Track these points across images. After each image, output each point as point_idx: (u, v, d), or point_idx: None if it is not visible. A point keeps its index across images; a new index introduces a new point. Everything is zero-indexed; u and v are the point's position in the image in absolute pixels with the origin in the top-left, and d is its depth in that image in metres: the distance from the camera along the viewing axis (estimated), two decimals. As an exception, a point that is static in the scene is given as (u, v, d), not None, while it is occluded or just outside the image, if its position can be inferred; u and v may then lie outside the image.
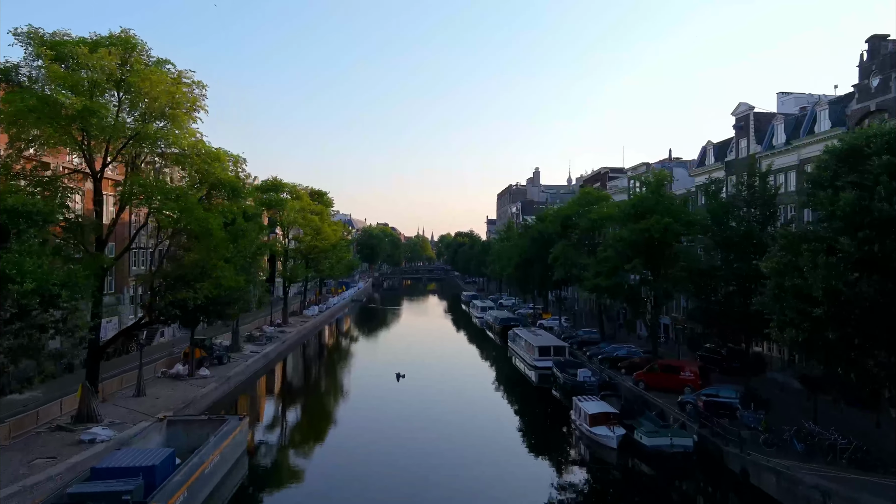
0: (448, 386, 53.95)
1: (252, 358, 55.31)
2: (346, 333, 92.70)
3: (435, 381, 55.75)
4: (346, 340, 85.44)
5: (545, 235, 72.21)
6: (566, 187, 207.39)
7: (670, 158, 76.09)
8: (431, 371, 60.48)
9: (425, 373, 58.88)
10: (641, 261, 43.61)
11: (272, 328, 72.45)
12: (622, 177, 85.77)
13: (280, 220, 78.21)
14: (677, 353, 54.49)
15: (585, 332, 64.72)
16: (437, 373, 59.86)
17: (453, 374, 60.11)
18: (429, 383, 54.69)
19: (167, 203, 29.26)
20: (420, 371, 59.04)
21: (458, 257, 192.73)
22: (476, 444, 36.95)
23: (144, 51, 31.69)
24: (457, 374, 60.24)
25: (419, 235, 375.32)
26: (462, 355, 72.79)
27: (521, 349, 64.58)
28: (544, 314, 78.26)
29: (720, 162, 55.24)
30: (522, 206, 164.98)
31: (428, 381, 55.94)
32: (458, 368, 63.62)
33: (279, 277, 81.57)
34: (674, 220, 42.63)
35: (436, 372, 60.32)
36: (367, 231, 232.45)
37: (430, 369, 61.78)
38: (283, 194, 78.00)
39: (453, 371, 61.57)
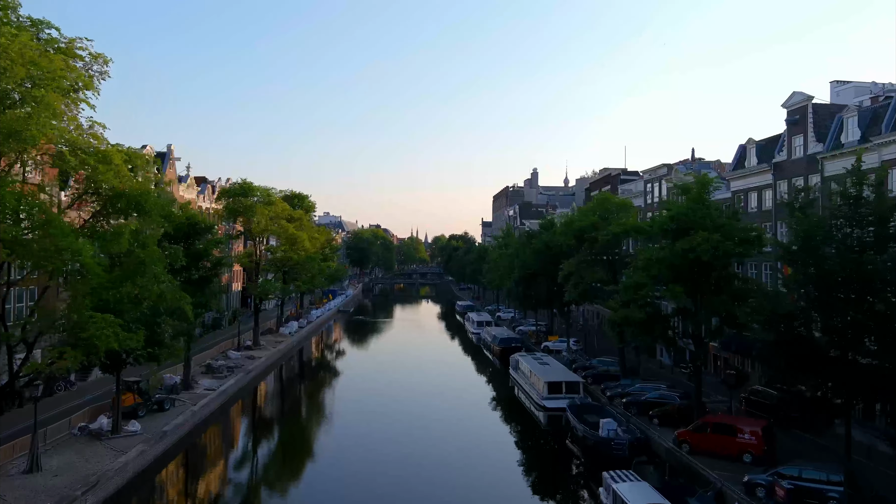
0: (442, 427, 45.75)
1: (204, 399, 45.85)
2: (326, 356, 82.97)
3: (427, 419, 47.57)
4: (326, 365, 75.78)
5: (552, 247, 63.16)
6: (565, 189, 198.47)
7: (693, 159, 67.11)
8: (423, 407, 51.58)
9: (416, 410, 49.98)
10: (683, 288, 34.52)
11: (238, 353, 62.97)
12: (636, 180, 76.77)
13: (250, 229, 68.85)
14: (713, 393, 45.43)
15: (601, 363, 55.51)
16: (429, 408, 51.18)
17: (448, 408, 51.48)
18: (420, 422, 46.65)
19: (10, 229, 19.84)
20: (411, 407, 50.28)
21: (451, 262, 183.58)
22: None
23: (10, 7, 22.39)
24: (452, 408, 51.48)
25: (412, 237, 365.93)
26: (457, 382, 63.60)
27: (525, 381, 55.39)
28: (550, 336, 69.02)
29: (766, 164, 46.17)
30: (520, 210, 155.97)
31: (419, 419, 47.67)
32: (452, 400, 54.82)
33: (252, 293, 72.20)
34: (724, 238, 33.62)
35: (428, 408, 51.48)
36: (357, 234, 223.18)
37: (421, 403, 52.98)
38: (254, 199, 68.73)
39: (448, 405, 52.80)
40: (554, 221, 73.76)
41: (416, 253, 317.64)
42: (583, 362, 57.63)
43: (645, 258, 36.01)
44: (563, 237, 49.21)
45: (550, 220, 72.91)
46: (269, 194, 69.26)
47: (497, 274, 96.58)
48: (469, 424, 47.44)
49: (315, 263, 77.50)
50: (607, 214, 48.25)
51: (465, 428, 46.22)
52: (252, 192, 67.14)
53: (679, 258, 34.33)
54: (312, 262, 74.85)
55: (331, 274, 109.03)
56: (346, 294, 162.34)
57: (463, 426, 46.75)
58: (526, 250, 68.40)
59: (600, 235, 45.54)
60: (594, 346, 62.96)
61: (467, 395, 58.52)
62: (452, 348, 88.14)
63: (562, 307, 65.53)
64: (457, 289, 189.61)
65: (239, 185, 67.35)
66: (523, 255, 70.80)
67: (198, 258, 45.90)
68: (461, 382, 63.73)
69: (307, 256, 73.22)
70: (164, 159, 66.00)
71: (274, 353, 68.27)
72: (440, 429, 45.49)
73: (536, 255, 64.19)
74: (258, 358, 63.40)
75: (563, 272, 51.90)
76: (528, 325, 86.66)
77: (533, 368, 53.53)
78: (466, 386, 62.62)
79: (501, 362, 71.26)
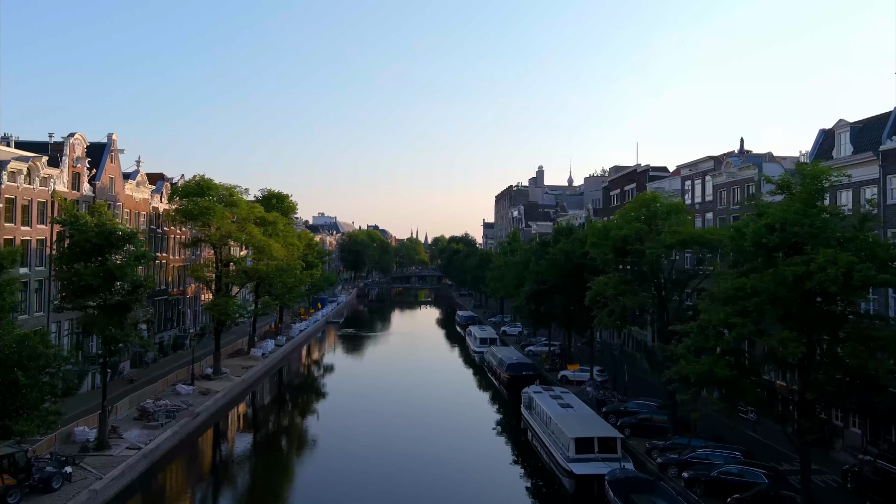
0: (441, 486, 36.19)
1: (119, 466, 34.21)
2: (303, 384, 70.89)
3: (423, 477, 37.63)
4: (302, 398, 63.75)
5: (573, 259, 51.78)
6: (572, 189, 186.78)
7: (742, 151, 55.57)
8: (417, 460, 40.74)
9: (409, 464, 38.91)
10: (794, 332, 23.13)
11: (190, 388, 51.47)
12: (666, 177, 65.36)
13: (207, 236, 57.43)
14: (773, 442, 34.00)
15: (641, 406, 43.87)
16: (425, 461, 40.78)
17: (447, 461, 41.35)
18: (414, 479, 36.65)
19: None
20: (402, 460, 39.74)
21: (452, 266, 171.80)
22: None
23: None
24: (451, 461, 41.06)
25: (412, 238, 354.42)
26: (457, 421, 52.45)
27: (542, 428, 43.84)
28: (569, 365, 57.50)
29: (870, 152, 34.67)
30: (525, 211, 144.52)
31: (413, 476, 37.53)
32: (452, 448, 44.52)
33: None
34: (858, 258, 22.28)
35: (424, 461, 40.79)
36: (351, 236, 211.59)
37: (415, 455, 42.31)
38: (214, 198, 57.33)
39: (447, 455, 42.63)
40: (571, 226, 62.46)
41: (415, 254, 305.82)
42: (615, 404, 46.05)
43: (732, 287, 24.46)
44: (596, 249, 37.56)
45: (567, 225, 61.64)
46: (233, 193, 57.83)
47: (502, 284, 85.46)
48: (472, 482, 36.77)
49: (292, 273, 66.08)
50: (652, 219, 36.77)
51: (468, 489, 35.44)
52: (211, 190, 55.74)
53: (787, 288, 22.91)
54: (288, 272, 63.36)
55: (316, 283, 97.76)
56: (339, 301, 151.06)
57: (466, 486, 36.08)
58: (540, 261, 56.95)
59: (648, 248, 34.07)
60: (623, 377, 51.59)
61: (469, 439, 47.49)
62: (452, 371, 76.65)
63: (584, 329, 54.16)
64: (457, 294, 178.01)
65: (195, 183, 56.00)
66: (536, 266, 59.38)
67: (111, 278, 34.51)
68: (462, 421, 52.32)
69: (279, 267, 61.65)
70: (104, 151, 54.58)
71: (237, 384, 56.74)
72: (438, 487, 34.70)
73: (554, 267, 52.79)
74: (214, 392, 51.89)
75: (592, 292, 40.34)
76: (539, 344, 75.11)
77: (553, 413, 42.06)
78: (468, 425, 51.34)
79: (510, 392, 59.85)
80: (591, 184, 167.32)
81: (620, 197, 74.12)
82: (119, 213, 56.90)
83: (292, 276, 65.80)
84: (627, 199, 71.39)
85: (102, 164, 53.73)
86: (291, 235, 78.51)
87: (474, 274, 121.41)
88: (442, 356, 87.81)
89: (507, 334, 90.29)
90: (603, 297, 39.36)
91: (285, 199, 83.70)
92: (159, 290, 66.43)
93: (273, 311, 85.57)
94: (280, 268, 61.25)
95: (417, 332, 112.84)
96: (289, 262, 69.94)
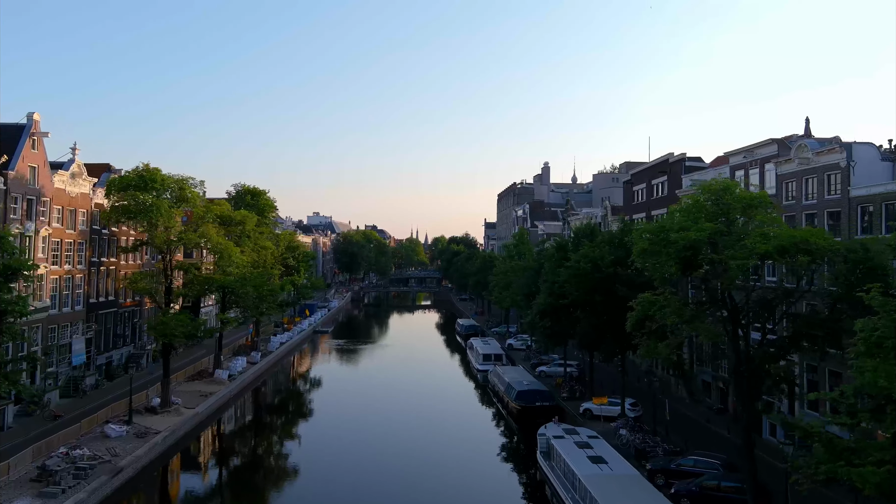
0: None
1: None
2: (274, 416, 59.37)
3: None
4: (270, 436, 52.46)
5: (601, 267, 41.49)
6: (578, 187, 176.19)
7: (808, 134, 45.21)
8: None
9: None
10: None
11: (123, 428, 40.99)
12: (709, 168, 55.08)
13: (151, 239, 47.14)
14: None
15: (701, 464, 33.31)
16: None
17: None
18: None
19: None
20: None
21: (452, 269, 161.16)
22: None
23: None
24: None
25: (411, 238, 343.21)
26: (458, 458, 42.50)
27: (568, 491, 33.53)
28: (595, 398, 46.93)
29: None
30: (531, 209, 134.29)
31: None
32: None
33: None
34: None
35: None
36: (346, 237, 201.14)
37: None
38: (164, 195, 47.06)
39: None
40: (593, 227, 52.10)
41: (414, 255, 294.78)
42: (661, 459, 35.60)
43: None
44: (650, 258, 26.82)
45: (589, 226, 51.26)
46: (184, 187, 47.40)
47: (508, 292, 75.15)
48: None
49: (260, 281, 55.78)
50: (728, 217, 26.33)
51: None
52: (156, 183, 45.38)
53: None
54: (253, 281, 52.98)
55: (301, 289, 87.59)
56: (330, 306, 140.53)
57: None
58: (558, 269, 46.59)
59: (730, 257, 23.60)
60: (664, 416, 41.34)
61: (472, 489, 37.27)
62: (452, 394, 66.31)
63: (616, 356, 43.92)
64: (457, 298, 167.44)
65: (136, 174, 45.65)
66: (552, 275, 49.08)
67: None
68: (463, 463, 42.09)
69: (242, 276, 51.31)
70: (22, 134, 44.27)
71: (188, 420, 46.34)
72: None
73: (577, 278, 42.44)
74: (154, 433, 41.50)
75: (637, 314, 29.92)
76: (552, 364, 64.69)
77: (581, 472, 31.82)
78: (470, 469, 41.19)
79: (521, 425, 49.69)
80: (601, 181, 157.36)
81: (647, 192, 63.85)
82: (47, 210, 46.77)
83: (263, 284, 55.47)
84: (657, 195, 61.12)
85: (18, 150, 43.45)
86: (266, 237, 68.36)
87: (476, 279, 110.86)
88: (441, 373, 77.48)
89: (513, 349, 79.87)
90: (653, 321, 28.97)
91: (261, 196, 73.58)
92: (105, 301, 56.23)
93: (249, 322, 75.42)
94: (243, 276, 50.80)
95: (414, 344, 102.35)
96: (259, 268, 59.77)
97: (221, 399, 54.40)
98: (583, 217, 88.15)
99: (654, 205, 61.17)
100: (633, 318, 30.35)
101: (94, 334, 54.94)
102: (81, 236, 52.43)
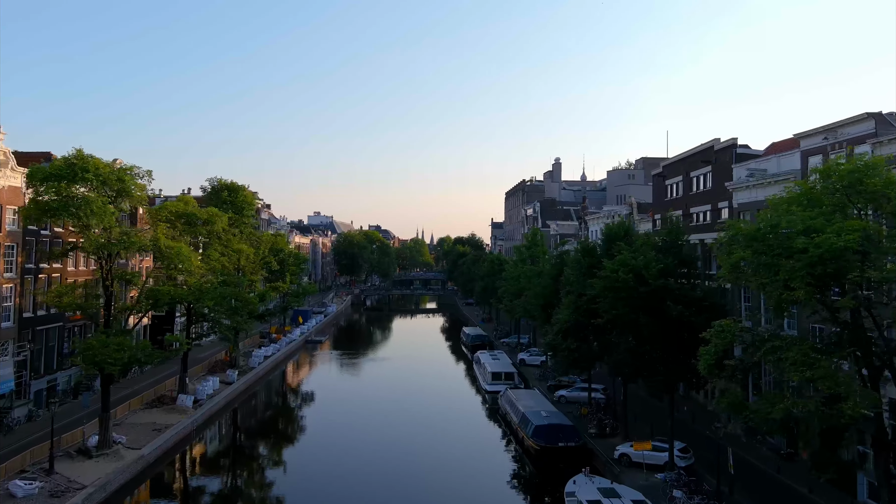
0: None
1: None
2: (250, 452, 50.22)
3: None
4: (240, 487, 43.79)
5: (647, 278, 32.40)
6: (591, 184, 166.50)
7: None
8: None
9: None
10: None
11: (33, 486, 31.96)
12: (764, 157, 45.91)
13: (85, 242, 38.27)
14: None
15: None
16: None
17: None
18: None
19: None
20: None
21: (457, 272, 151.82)
22: None
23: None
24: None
25: (416, 239, 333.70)
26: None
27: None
28: (636, 444, 37.37)
29: None
30: (542, 208, 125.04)
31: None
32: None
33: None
34: None
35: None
36: (346, 237, 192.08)
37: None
38: (104, 189, 38.14)
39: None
40: (629, 229, 42.97)
41: (419, 256, 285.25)
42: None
43: None
44: (751, 276, 17.82)
45: (623, 227, 42.17)
46: (125, 178, 38.35)
47: (521, 302, 66.14)
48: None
49: (227, 292, 46.90)
50: (863, 210, 17.41)
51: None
52: (88, 174, 36.45)
53: None
54: (210, 295, 44.00)
55: (289, 297, 78.85)
56: (328, 311, 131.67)
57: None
58: (587, 280, 37.46)
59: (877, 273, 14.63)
60: (728, 468, 32.21)
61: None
62: (457, 418, 57.03)
63: (666, 390, 34.74)
64: (462, 303, 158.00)
65: (63, 162, 36.81)
66: (578, 285, 40.06)
67: None
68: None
69: (199, 287, 42.36)
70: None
71: (126, 466, 37.20)
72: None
73: (614, 291, 33.34)
74: (75, 490, 32.53)
75: (711, 353, 20.92)
76: (574, 387, 55.43)
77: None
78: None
79: (539, 468, 40.77)
80: (617, 177, 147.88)
81: (684, 186, 54.62)
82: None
83: (228, 296, 46.58)
84: (698, 188, 51.87)
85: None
86: (243, 238, 59.57)
87: (484, 284, 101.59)
88: (446, 392, 68.28)
89: (526, 364, 70.69)
90: (742, 363, 19.82)
91: (240, 192, 64.71)
92: (46, 315, 47.41)
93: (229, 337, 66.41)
94: (200, 288, 41.84)
95: (416, 355, 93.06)
96: (231, 275, 51.00)
97: (180, 432, 45.43)
98: (603, 216, 79.01)
99: (693, 200, 51.98)
100: (709, 356, 21.22)
101: (31, 355, 46.23)
102: (11, 238, 43.66)
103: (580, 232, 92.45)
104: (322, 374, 78.08)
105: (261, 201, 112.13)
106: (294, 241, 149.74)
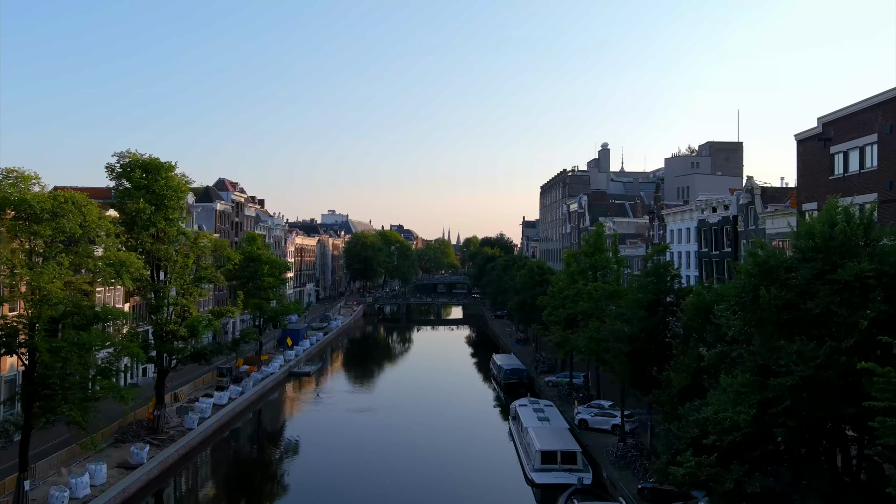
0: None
1: None
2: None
3: None
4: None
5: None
6: (643, 175, 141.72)
7: None
8: None
9: None
10: None
11: None
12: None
13: None
14: None
15: None
16: None
17: None
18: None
19: None
20: None
21: (485, 278, 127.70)
22: None
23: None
24: None
25: (441, 240, 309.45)
26: None
27: None
28: None
29: None
30: (589, 203, 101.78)
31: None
32: None
33: None
34: None
35: None
36: (359, 238, 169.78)
37: None
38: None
39: None
40: (869, 222, 19.93)
41: (444, 258, 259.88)
42: None
43: None
44: None
45: (865, 217, 19.15)
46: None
47: (586, 336, 43.10)
48: None
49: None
50: None
51: None
52: None
53: None
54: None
55: (265, 317, 57.28)
56: (330, 327, 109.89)
57: None
58: (778, 341, 14.70)
59: None
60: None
61: None
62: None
63: None
64: (491, 315, 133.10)
65: None
66: (762, 343, 17.26)
67: None
68: None
69: None
70: None
71: None
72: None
73: None
74: None
75: None
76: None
77: None
78: None
79: None
80: (677, 165, 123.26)
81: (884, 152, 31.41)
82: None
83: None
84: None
85: None
86: (166, 239, 38.18)
87: (520, 298, 78.29)
88: (472, 466, 45.55)
89: (589, 427, 47.54)
90: None
91: (163, 171, 42.72)
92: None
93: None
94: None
95: (435, 396, 70.17)
96: (79, 303, 29.48)
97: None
98: (695, 208, 55.92)
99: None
100: None
101: None
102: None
103: (652, 232, 69.46)
104: (293, 440, 53.46)
105: (223, 189, 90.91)
106: (294, 244, 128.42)
